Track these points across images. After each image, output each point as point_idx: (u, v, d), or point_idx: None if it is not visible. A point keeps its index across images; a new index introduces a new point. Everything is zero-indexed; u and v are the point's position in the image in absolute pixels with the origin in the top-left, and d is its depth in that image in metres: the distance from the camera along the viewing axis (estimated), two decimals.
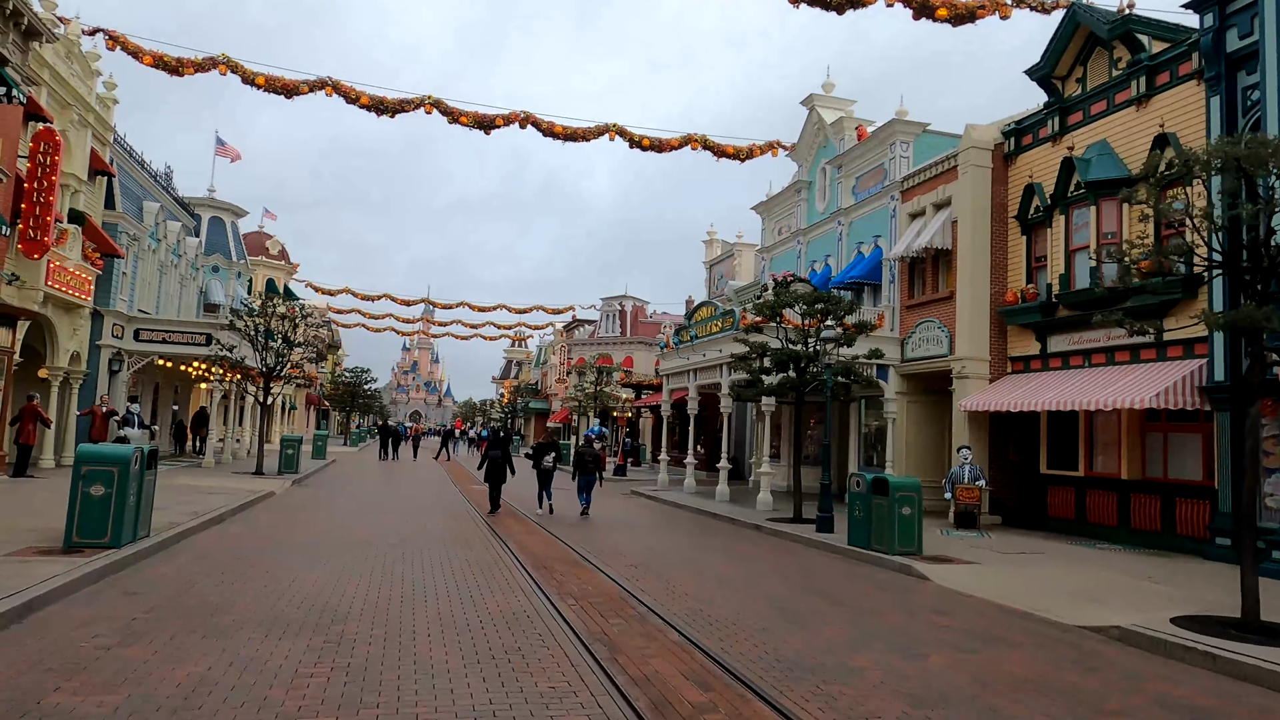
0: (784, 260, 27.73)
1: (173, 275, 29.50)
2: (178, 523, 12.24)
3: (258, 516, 14.59)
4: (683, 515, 18.97)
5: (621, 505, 21.03)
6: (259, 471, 23.33)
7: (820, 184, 25.97)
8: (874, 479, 13.03)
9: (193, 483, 19.41)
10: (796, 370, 17.16)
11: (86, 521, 9.56)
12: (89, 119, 22.10)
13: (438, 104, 26.05)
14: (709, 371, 23.56)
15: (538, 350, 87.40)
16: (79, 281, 21.12)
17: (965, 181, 18.61)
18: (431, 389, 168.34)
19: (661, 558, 11.78)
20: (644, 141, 27.86)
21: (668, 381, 27.47)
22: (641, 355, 56.89)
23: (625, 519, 17.42)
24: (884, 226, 21.98)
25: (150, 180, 27.91)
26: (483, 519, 15.63)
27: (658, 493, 24.14)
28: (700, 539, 14.44)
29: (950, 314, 18.95)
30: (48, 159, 18.10)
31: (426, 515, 15.95)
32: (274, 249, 51.00)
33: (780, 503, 20.42)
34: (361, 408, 64.96)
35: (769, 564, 11.83)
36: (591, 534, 14.18)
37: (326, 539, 11.96)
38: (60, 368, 21.52)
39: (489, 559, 10.81)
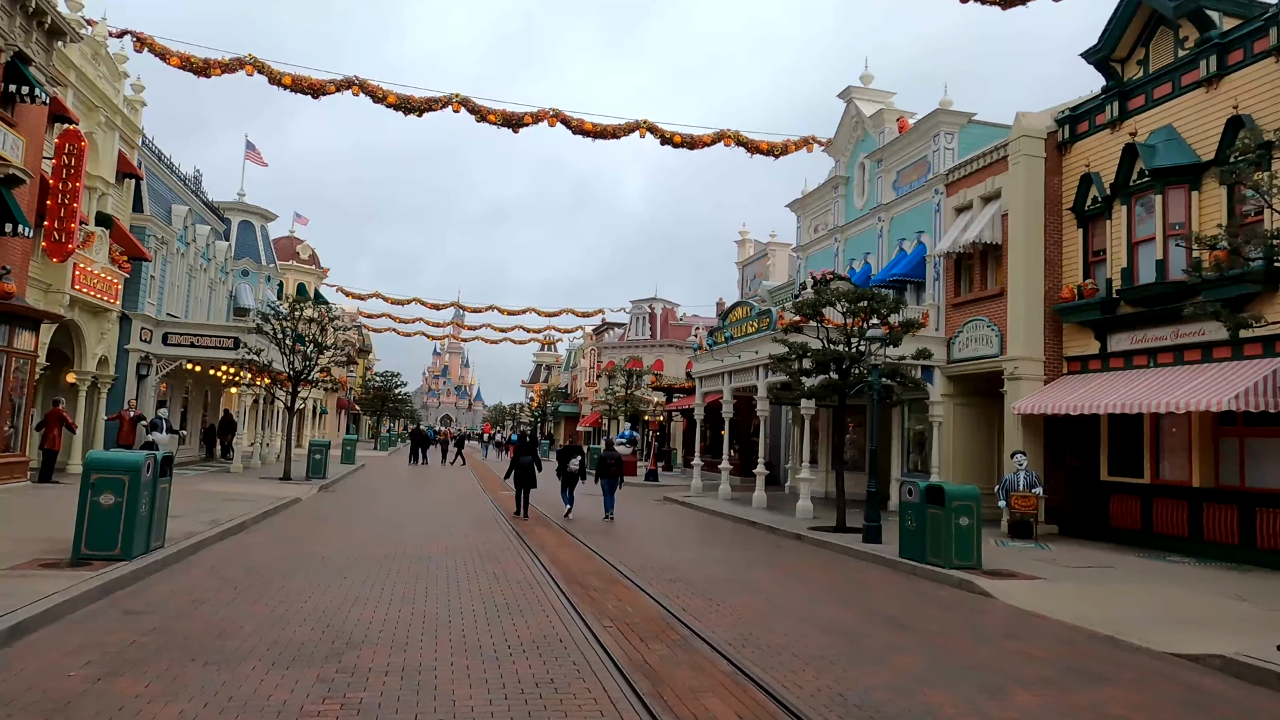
0: (821, 258, 26.84)
1: (202, 279, 29.34)
2: (195, 532, 11.74)
3: (279, 525, 14.08)
4: (720, 523, 18.19)
5: (655, 512, 20.30)
6: (286, 477, 22.95)
7: (858, 179, 25.06)
8: (928, 487, 12.16)
9: (218, 489, 19.03)
10: (839, 372, 16.32)
11: (95, 533, 9.05)
12: (116, 121, 21.89)
13: (465, 102, 25.58)
14: (744, 374, 22.76)
15: (567, 354, 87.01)
16: (106, 285, 20.89)
17: (1016, 172, 17.64)
18: (462, 393, 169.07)
19: (702, 572, 11.02)
20: (675, 138, 27.16)
21: (701, 384, 26.71)
22: (672, 358, 56.13)
23: (660, 528, 16.69)
24: (927, 221, 21.04)
25: (179, 183, 27.77)
26: (513, 530, 14.98)
27: (691, 499, 23.38)
28: (741, 550, 13.66)
29: (1001, 312, 17.97)
30: (73, 160, 17.83)
31: (454, 524, 15.35)
32: (304, 254, 51.06)
33: (820, 510, 19.56)
34: (392, 412, 64.90)
35: (818, 579, 11.03)
36: (626, 545, 13.47)
37: (347, 551, 11.38)
38: (88, 372, 21.31)
39: (519, 574, 10.14)
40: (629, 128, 26.97)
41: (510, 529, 14.92)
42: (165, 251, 25.29)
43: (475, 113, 25.66)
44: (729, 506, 21.08)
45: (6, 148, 15.79)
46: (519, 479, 17.08)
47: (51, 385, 22.07)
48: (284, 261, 48.09)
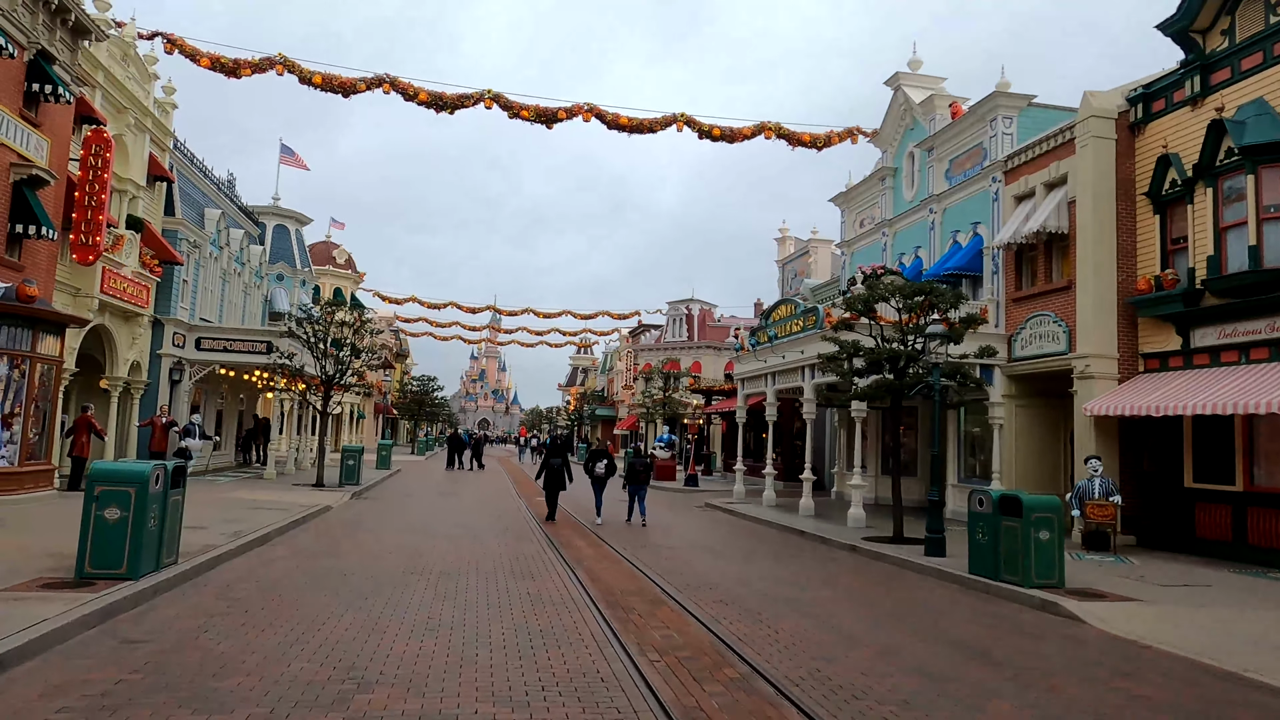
0: (867, 254, 25.69)
1: (236, 283, 29.09)
2: (214, 545, 11.10)
3: (305, 537, 13.43)
4: (766, 533, 17.19)
5: (697, 521, 19.36)
6: (319, 483, 22.45)
7: (907, 170, 23.88)
8: (1002, 496, 11.07)
9: (248, 496, 18.52)
10: (894, 371, 15.26)
11: (100, 550, 8.40)
12: (146, 123, 21.60)
13: (498, 98, 24.93)
14: (789, 375, 21.73)
15: (603, 357, 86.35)
16: (136, 289, 20.57)
17: (1085, 156, 16.40)
18: (499, 397, 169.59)
19: (753, 590, 10.08)
20: (714, 131, 26.24)
21: (743, 386, 25.71)
22: (710, 360, 55.11)
23: (704, 538, 15.75)
24: (984, 212, 19.82)
25: (212, 187, 27.54)
26: (547, 540, 14.16)
27: (734, 505, 22.39)
28: (792, 564, 12.67)
29: (1068, 306, 16.74)
30: (99, 161, 17.45)
31: (486, 534, 14.58)
32: (340, 258, 51.02)
33: (872, 518, 18.46)
34: (429, 416, 64.76)
35: (881, 599, 10.01)
36: (668, 557, 12.56)
37: (371, 567, 10.64)
38: (120, 378, 21.01)
39: (554, 593, 9.29)
40: (665, 121, 26.10)
41: (545, 539, 14.11)
42: (198, 255, 25.00)
43: (508, 109, 25.01)
44: (774, 514, 20.06)
45: (30, 148, 15.43)
46: (549, 481, 17.17)
47: (85, 391, 21.83)
48: (320, 266, 48.08)
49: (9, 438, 14.56)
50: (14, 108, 14.95)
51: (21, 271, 15.26)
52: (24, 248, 15.58)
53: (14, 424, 14.67)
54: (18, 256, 15.42)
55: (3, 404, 14.51)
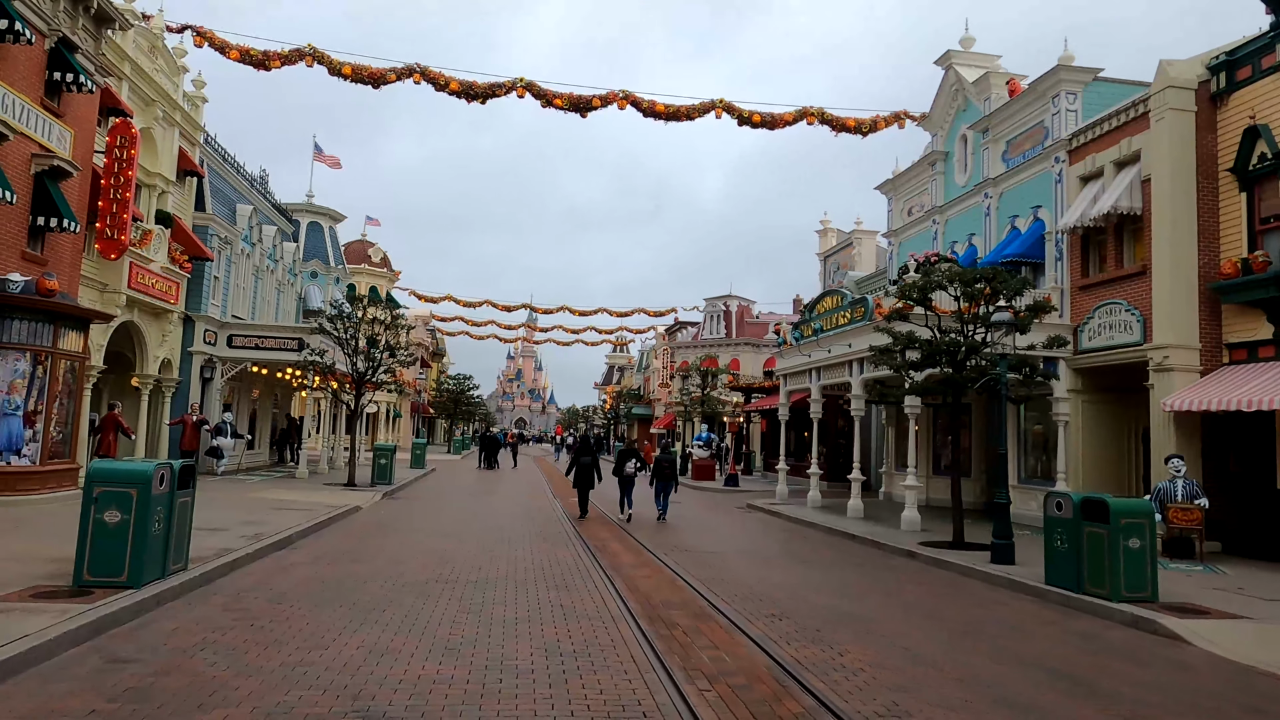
0: (916, 243, 24.49)
1: (269, 281, 28.81)
2: (231, 549, 10.47)
3: (328, 540, 12.78)
4: (814, 536, 16.20)
5: (740, 523, 18.42)
6: (350, 483, 21.95)
7: (960, 153, 22.66)
8: (1084, 500, 9.99)
9: (276, 496, 18.02)
10: (953, 364, 14.19)
11: (99, 556, 7.76)
12: (175, 117, 21.27)
13: (530, 87, 24.23)
14: (835, 369, 20.67)
15: (640, 355, 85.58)
16: (166, 285, 20.22)
17: (1161, 130, 15.14)
18: (536, 396, 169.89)
19: (808, 603, 9.15)
20: (754, 118, 25.26)
21: (785, 382, 24.68)
22: (749, 357, 54.02)
23: (749, 542, 14.82)
24: (1046, 194, 18.58)
25: (244, 183, 27.25)
26: (583, 545, 13.36)
27: (777, 506, 21.40)
28: (848, 572, 11.70)
29: (1143, 293, 15.49)
30: (124, 153, 17.06)
31: (518, 537, 13.82)
32: (376, 256, 50.89)
33: (927, 521, 17.35)
34: (465, 415, 64.54)
35: (953, 614, 9.02)
36: (713, 564, 11.67)
37: (394, 574, 9.92)
38: (150, 375, 20.69)
39: (591, 607, 8.46)
40: (704, 108, 25.19)
41: (580, 544, 13.30)
42: (229, 252, 24.69)
43: (540, 97, 24.30)
44: (821, 516, 19.04)
45: (52, 139, 15.04)
46: (579, 479, 17.46)
47: (117, 389, 21.59)
48: (356, 265, 47.96)
49: (31, 436, 14.17)
50: (35, 97, 14.56)
51: (44, 265, 14.89)
52: (47, 241, 15.20)
53: (36, 422, 14.28)
54: (40, 250, 15.04)
55: (25, 401, 14.14)
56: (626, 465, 17.60)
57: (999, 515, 12.32)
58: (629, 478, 17.48)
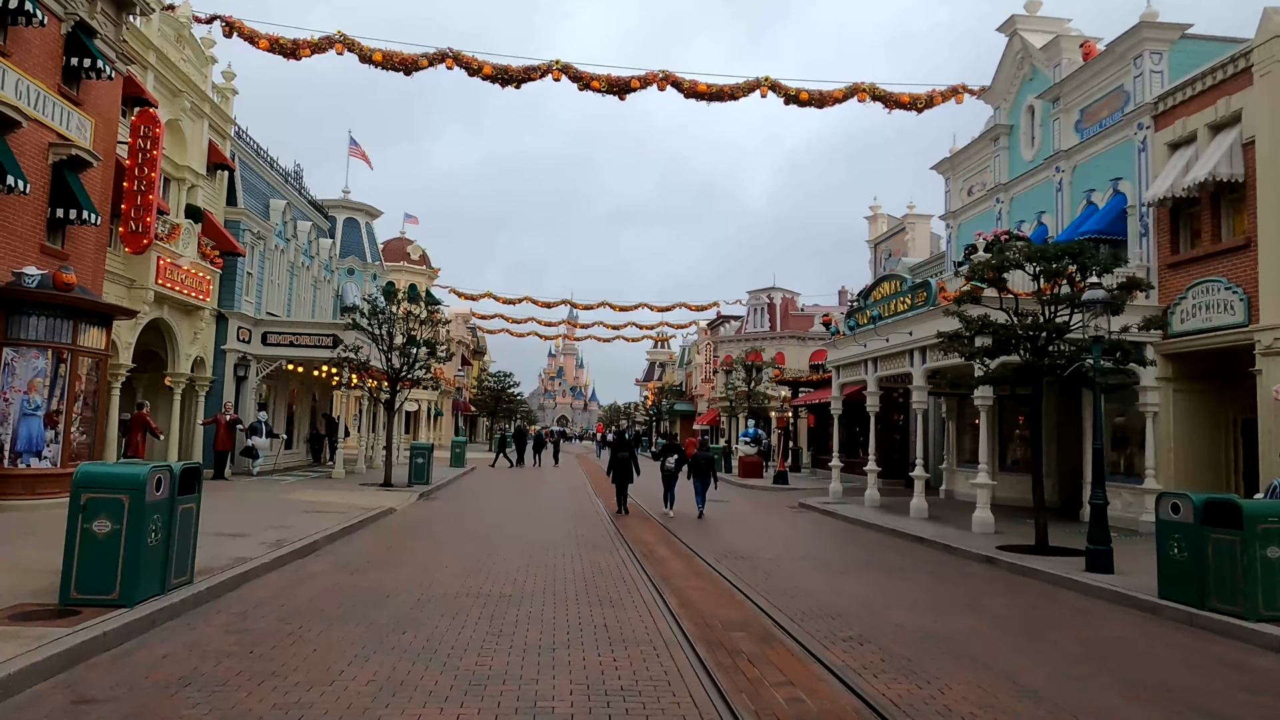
0: (978, 224, 22.97)
1: (305, 277, 28.30)
2: (247, 558, 9.64)
3: (355, 546, 11.92)
4: (877, 540, 14.94)
5: (794, 524, 17.21)
6: (387, 483, 21.23)
7: (1026, 126, 21.11)
8: (1209, 501, 8.64)
9: (309, 498, 17.31)
10: (1033, 350, 12.84)
11: (88, 571, 6.93)
12: (204, 109, 20.71)
13: (566, 69, 23.23)
14: (893, 360, 19.35)
15: (681, 350, 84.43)
16: (196, 281, 19.65)
17: (1265, 87, 13.57)
18: (577, 394, 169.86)
19: (889, 621, 7.98)
20: (802, 96, 23.94)
21: (838, 374, 23.36)
22: (794, 350, 52.56)
23: (808, 546, 13.63)
24: (1127, 165, 17.03)
25: (278, 178, 26.73)
26: (628, 551, 12.31)
27: (833, 506, 20.13)
28: (924, 582, 10.47)
29: (1246, 269, 13.93)
30: (148, 143, 16.44)
31: (559, 542, 12.83)
32: (415, 254, 50.50)
33: (1000, 522, 15.95)
34: (506, 413, 64.04)
35: (1059, 634, 7.77)
36: (774, 573, 10.53)
37: (421, 586, 8.97)
38: (182, 374, 20.16)
39: (640, 628, 7.40)
40: (749, 87, 23.93)
41: (625, 549, 12.25)
42: (262, 247, 24.15)
43: (577, 80, 23.29)
44: (882, 516, 17.74)
45: (71, 127, 14.43)
46: (617, 475, 17.68)
47: (150, 389, 21.15)
48: (395, 262, 47.61)
49: (52, 437, 13.57)
50: (51, 84, 13.95)
51: (65, 259, 14.29)
52: (67, 234, 14.61)
53: (58, 422, 13.69)
54: (61, 244, 14.46)
55: (46, 401, 13.55)
56: (666, 461, 18.00)
57: (1096, 517, 10.97)
58: (670, 473, 17.82)
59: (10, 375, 13.10)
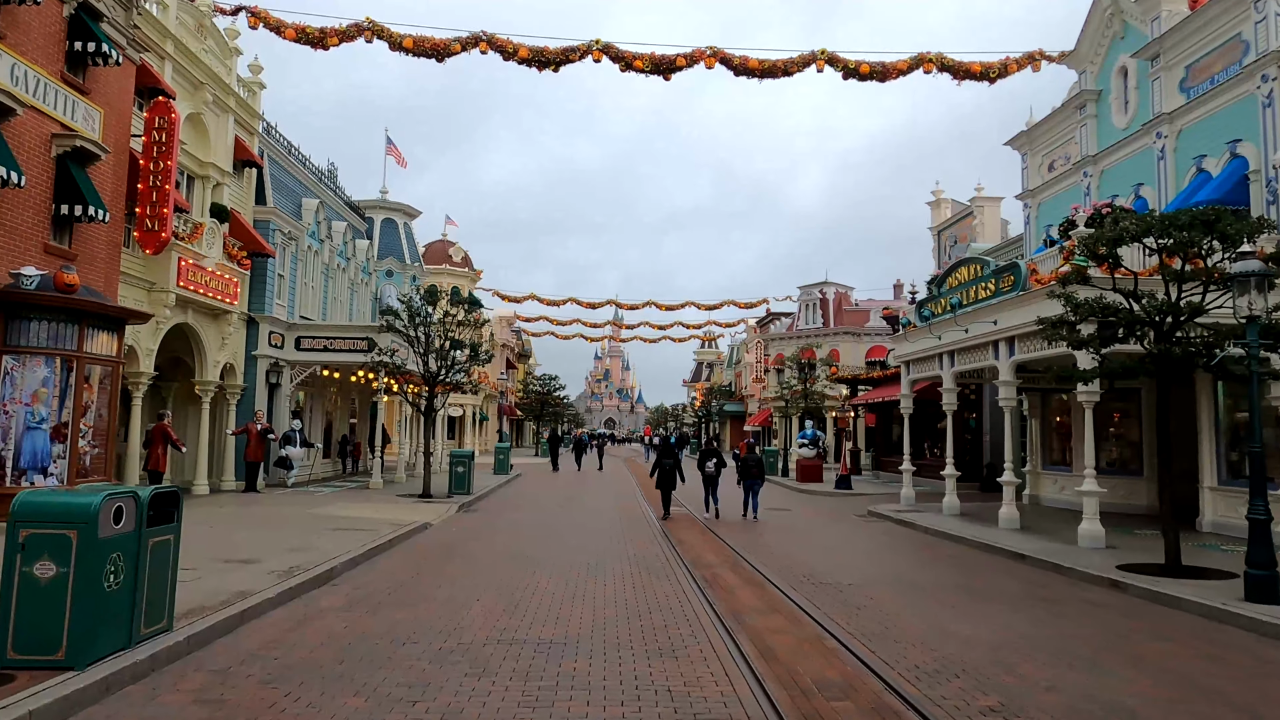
0: (1061, 202, 20.88)
1: (340, 279, 27.33)
2: (249, 591, 8.31)
3: (381, 571, 10.56)
4: (970, 557, 13.10)
5: (868, 536, 15.44)
6: (425, 494, 19.99)
7: (1117, 90, 19.00)
8: None
9: (340, 512, 16.09)
10: (1160, 335, 10.92)
11: (27, 625, 5.60)
12: (229, 103, 19.72)
13: (608, 49, 21.74)
14: (973, 353, 17.44)
15: (729, 350, 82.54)
16: (222, 283, 18.64)
17: None
18: (624, 396, 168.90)
19: (1036, 683, 6.26)
20: (862, 68, 22.08)
21: (908, 370, 21.46)
22: (849, 347, 50.34)
23: (893, 567, 11.88)
24: (1248, 124, 14.91)
25: (311, 177, 25.75)
26: (689, 579, 10.72)
27: (907, 514, 18.28)
28: (1045, 615, 8.68)
29: None
30: (164, 136, 15.42)
31: (607, 563, 11.32)
32: (456, 256, 49.70)
33: (1111, 535, 13.95)
34: (552, 416, 62.92)
35: (1238, 694, 5.97)
36: (865, 606, 8.85)
37: (446, 628, 7.53)
38: (210, 382, 19.17)
39: (715, 693, 5.83)
40: (803, 61, 22.18)
41: (684, 573, 10.67)
42: (294, 248, 23.16)
43: (619, 60, 21.79)
44: (967, 527, 15.87)
45: (76, 117, 13.39)
46: (661, 480, 17.75)
47: (181, 399, 20.24)
48: (436, 265, 46.81)
49: (59, 453, 12.50)
50: (53, 70, 12.92)
51: (72, 260, 13.25)
52: (75, 233, 13.58)
53: (68, 435, 12.62)
54: (68, 243, 13.43)
55: (56, 413, 12.49)
56: (707, 465, 18.06)
57: (1257, 535, 9.05)
58: (711, 477, 17.97)
59: (11, 386, 12.06)
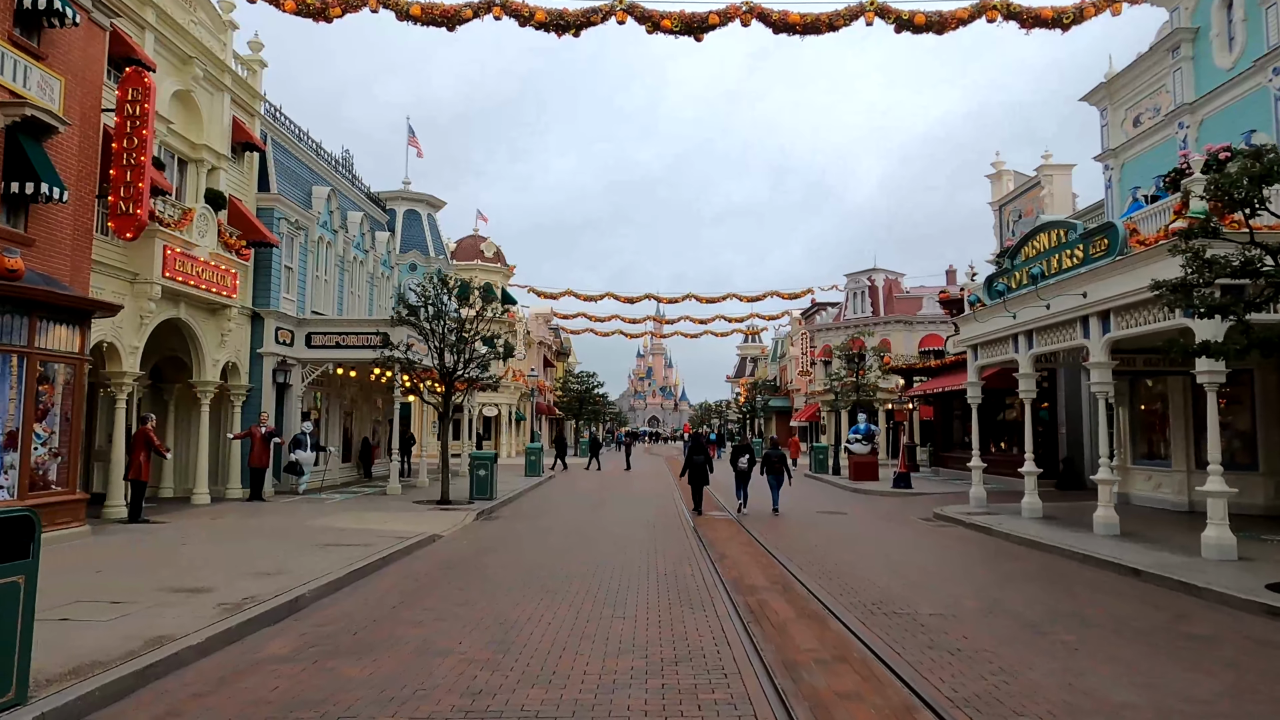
0: (1150, 161, 18.38)
1: (358, 273, 25.85)
2: (174, 635, 6.62)
3: (359, 599, 8.79)
4: (1073, 574, 10.87)
5: (941, 546, 13.28)
6: (444, 501, 18.32)
7: (1219, 24, 16.47)
8: None
9: (342, 523, 14.45)
10: None
11: None
12: (224, 80, 18.25)
13: (632, 9, 19.70)
14: (1059, 331, 15.16)
15: (773, 344, 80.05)
16: (217, 275, 17.15)
17: None
18: (667, 394, 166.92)
19: None
20: (916, 19, 19.70)
21: (976, 355, 19.15)
22: (900, 336, 47.73)
23: (985, 590, 9.73)
24: None
25: (324, 165, 24.26)
26: (734, 610, 8.74)
27: (980, 518, 16.04)
28: (1200, 659, 6.52)
29: None
30: (137, 109, 13.90)
31: (632, 588, 9.41)
32: (488, 251, 48.25)
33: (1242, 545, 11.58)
34: (590, 415, 61.20)
35: None
36: (966, 655, 6.79)
37: (402, 695, 5.69)
38: (210, 382, 17.71)
39: None
40: (850, 14, 19.88)
41: (726, 606, 8.68)
42: (304, 239, 21.67)
43: (645, 20, 19.74)
44: (1056, 534, 13.61)
45: (30, 85, 11.88)
46: (693, 477, 18.05)
47: (185, 404, 18.85)
48: (467, 261, 45.44)
49: (11, 462, 11.00)
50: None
51: (28, 245, 11.76)
52: (31, 215, 12.07)
53: (25, 442, 11.12)
54: (22, 226, 11.92)
55: (7, 417, 10.99)
56: (739, 461, 18.28)
57: None
58: (743, 473, 18.19)
59: None
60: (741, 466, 18.14)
